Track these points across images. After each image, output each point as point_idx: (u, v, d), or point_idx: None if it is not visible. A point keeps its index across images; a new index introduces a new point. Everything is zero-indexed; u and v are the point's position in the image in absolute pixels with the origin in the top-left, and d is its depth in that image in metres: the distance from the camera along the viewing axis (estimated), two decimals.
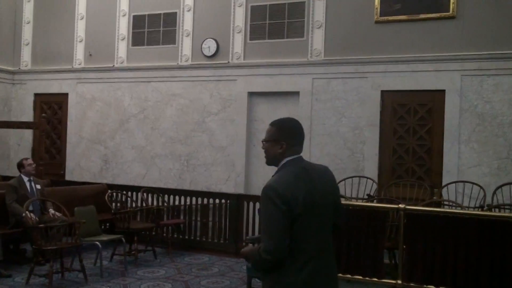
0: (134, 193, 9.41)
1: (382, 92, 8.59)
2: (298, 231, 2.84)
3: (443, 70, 8.20)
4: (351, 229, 6.33)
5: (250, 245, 3.09)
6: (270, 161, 3.14)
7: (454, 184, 7.81)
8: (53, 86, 11.54)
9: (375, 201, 7.43)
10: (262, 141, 3.16)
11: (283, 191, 2.81)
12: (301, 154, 3.03)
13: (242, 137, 9.54)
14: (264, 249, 2.81)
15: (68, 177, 11.08)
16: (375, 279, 6.19)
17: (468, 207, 7.30)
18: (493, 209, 6.88)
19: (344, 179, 8.38)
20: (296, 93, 9.23)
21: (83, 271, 6.71)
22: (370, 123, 8.59)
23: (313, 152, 8.92)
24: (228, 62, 9.78)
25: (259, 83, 9.56)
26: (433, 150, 8.22)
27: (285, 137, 3.02)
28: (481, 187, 7.57)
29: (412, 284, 5.97)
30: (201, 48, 9.99)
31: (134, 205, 9.22)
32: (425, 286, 5.93)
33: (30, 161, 7.88)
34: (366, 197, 7.94)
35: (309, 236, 2.87)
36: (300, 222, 2.83)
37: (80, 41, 11.24)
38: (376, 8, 8.63)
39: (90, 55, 11.11)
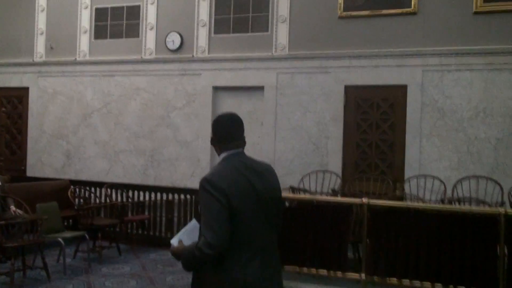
0: (98, 189, 9.28)
1: (346, 87, 8.68)
2: (239, 226, 2.81)
3: (405, 66, 8.33)
4: (316, 224, 6.40)
5: (178, 243, 2.99)
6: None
7: (415, 178, 7.96)
8: (13, 79, 11.27)
9: (339, 195, 7.51)
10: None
11: (218, 182, 2.80)
12: (242, 149, 3.04)
13: (207, 132, 9.51)
14: (204, 242, 2.73)
15: (29, 173, 10.87)
16: (340, 273, 6.27)
17: (430, 201, 7.45)
18: (453, 203, 7.04)
19: (309, 174, 8.45)
20: (261, 88, 9.25)
21: (45, 269, 6.61)
22: (334, 118, 8.67)
23: (277, 146, 8.96)
24: (193, 56, 9.73)
25: (224, 78, 9.54)
26: (395, 144, 8.36)
27: (217, 140, 3.06)
28: (441, 181, 7.74)
29: (375, 277, 6.08)
30: (165, 41, 9.90)
31: (97, 201, 9.10)
32: (388, 279, 6.04)
33: None
34: (330, 191, 8.02)
35: (252, 231, 2.85)
36: (240, 216, 2.80)
37: (41, 34, 11.00)
38: (340, 3, 8.70)
39: (52, 48, 10.89)
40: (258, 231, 2.88)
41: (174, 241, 3.03)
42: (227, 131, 3.05)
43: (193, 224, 3.04)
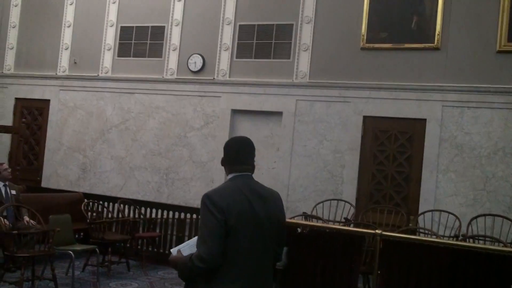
0: (111, 203, 9.31)
1: (364, 117, 8.69)
2: (233, 244, 2.85)
3: (425, 100, 8.33)
4: (327, 252, 6.35)
5: (178, 253, 3.07)
6: None
7: (430, 213, 7.89)
8: (35, 91, 11.44)
9: (352, 225, 7.46)
10: None
11: (218, 199, 2.86)
12: (250, 174, 3.09)
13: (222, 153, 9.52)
14: (197, 256, 2.82)
15: (44, 184, 10.95)
16: None
17: (443, 236, 7.38)
18: (467, 239, 6.95)
19: (322, 202, 8.41)
20: (279, 113, 9.29)
21: (54, 280, 6.60)
22: (351, 147, 8.67)
23: (292, 172, 8.96)
24: (214, 78, 9.82)
25: (243, 101, 9.60)
26: (411, 177, 8.31)
27: (226, 161, 3.17)
28: (456, 217, 7.66)
29: None
30: (187, 63, 10.02)
31: (110, 215, 9.12)
32: None
33: (5, 165, 7.78)
34: (343, 220, 7.97)
35: (244, 251, 2.88)
36: (234, 234, 2.84)
37: (66, 49, 11.19)
38: (363, 35, 8.76)
39: (75, 63, 11.07)
40: (252, 253, 2.92)
41: (174, 251, 3.13)
42: (236, 154, 3.15)
43: (196, 239, 3.09)
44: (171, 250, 3.20)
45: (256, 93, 9.47)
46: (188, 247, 3.10)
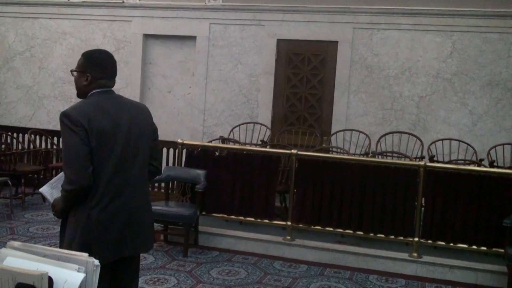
0: (21, 134, 8.99)
1: (278, 40, 8.71)
2: (97, 163, 2.73)
3: (336, 22, 8.44)
4: (245, 173, 6.52)
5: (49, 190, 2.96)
6: (78, 93, 2.99)
7: (342, 132, 8.20)
8: None
9: (268, 146, 7.64)
10: (71, 71, 2.99)
11: (77, 117, 2.70)
12: (112, 88, 2.97)
13: (137, 80, 9.33)
14: (65, 180, 2.70)
15: None
16: (267, 221, 6.45)
17: (355, 154, 7.73)
18: (376, 156, 7.33)
19: (239, 125, 8.51)
20: (193, 38, 9.12)
21: None
22: (265, 71, 8.72)
23: (208, 97, 8.94)
24: (123, 1, 9.42)
25: (155, 26, 9.33)
26: (324, 99, 8.53)
27: (91, 68, 2.89)
28: (367, 135, 8.02)
29: (301, 225, 6.30)
30: None
31: (20, 147, 8.81)
32: (312, 227, 6.28)
33: None
34: (259, 142, 8.14)
35: (106, 170, 2.76)
36: (95, 153, 2.72)
37: None
38: None
39: None
40: (117, 172, 2.79)
41: (44, 189, 3.02)
42: (100, 69, 2.92)
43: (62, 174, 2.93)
44: (40, 190, 3.05)
45: (169, 17, 9.21)
46: (59, 181, 2.95)
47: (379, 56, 8.29)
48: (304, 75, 8.59)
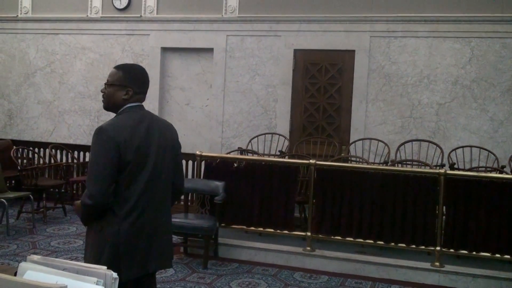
0: (42, 149, 9.11)
1: (295, 51, 8.72)
2: (126, 179, 2.74)
3: (353, 31, 8.43)
4: (264, 184, 6.51)
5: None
6: (109, 107, 2.95)
7: (361, 141, 8.16)
8: None
9: (287, 157, 7.63)
10: (105, 84, 2.94)
11: (114, 134, 2.70)
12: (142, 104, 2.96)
13: (155, 93, 9.40)
14: (86, 194, 2.71)
15: None
16: (286, 232, 6.43)
17: (374, 163, 7.68)
18: (396, 164, 7.28)
19: (257, 136, 8.52)
20: (210, 50, 9.18)
21: None
22: (283, 81, 8.73)
23: (226, 109, 8.97)
24: (141, 16, 9.53)
25: (173, 39, 9.41)
26: (342, 108, 8.51)
27: (132, 83, 2.89)
28: (386, 144, 7.96)
29: (320, 236, 6.26)
30: (112, 0, 9.64)
31: (42, 161, 8.92)
32: (332, 237, 6.24)
33: None
34: (278, 153, 8.13)
35: (137, 186, 2.78)
36: (129, 169, 2.74)
37: None
38: None
39: None
40: (146, 188, 2.81)
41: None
42: (140, 84, 2.93)
43: None
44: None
45: (186, 30, 9.28)
46: None
47: (397, 64, 8.25)
48: (322, 84, 8.58)
